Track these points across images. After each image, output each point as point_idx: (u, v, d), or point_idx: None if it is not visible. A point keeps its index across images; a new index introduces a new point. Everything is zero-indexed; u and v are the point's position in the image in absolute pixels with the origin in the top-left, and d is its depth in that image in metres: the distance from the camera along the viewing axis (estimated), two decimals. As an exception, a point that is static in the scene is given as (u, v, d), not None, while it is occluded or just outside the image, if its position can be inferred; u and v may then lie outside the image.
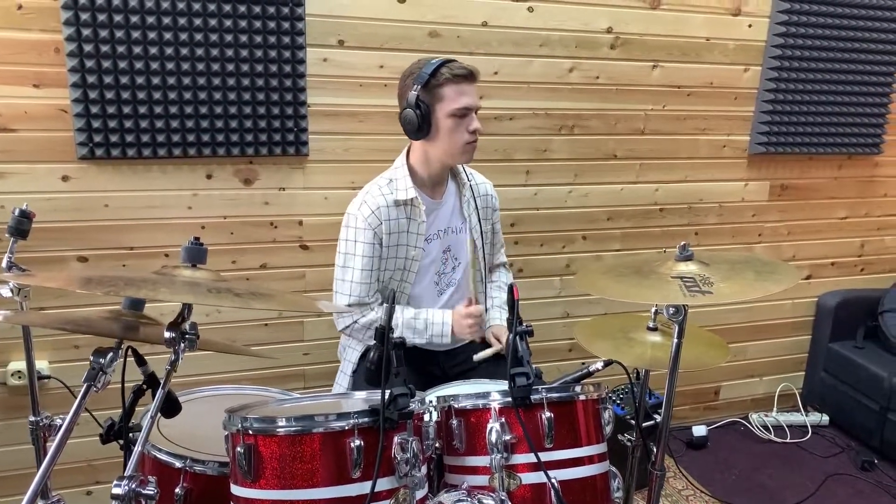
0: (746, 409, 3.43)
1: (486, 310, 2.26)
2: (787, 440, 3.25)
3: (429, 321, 2.08)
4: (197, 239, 1.24)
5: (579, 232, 2.92)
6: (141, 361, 1.54)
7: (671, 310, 1.51)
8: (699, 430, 3.18)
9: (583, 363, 3.05)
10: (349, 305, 2.02)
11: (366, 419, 1.25)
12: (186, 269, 1.21)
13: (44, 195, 2.26)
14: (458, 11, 2.51)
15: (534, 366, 1.41)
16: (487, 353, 2.09)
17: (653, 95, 2.85)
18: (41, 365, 2.39)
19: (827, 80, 3.01)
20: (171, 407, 1.59)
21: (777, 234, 3.23)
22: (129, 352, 1.49)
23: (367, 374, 1.31)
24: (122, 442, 1.62)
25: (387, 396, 1.23)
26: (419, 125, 1.98)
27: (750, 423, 3.36)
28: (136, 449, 1.10)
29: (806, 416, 3.36)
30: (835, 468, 3.04)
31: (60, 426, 1.71)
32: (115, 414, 1.60)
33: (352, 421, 1.24)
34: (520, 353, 1.36)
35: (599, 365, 1.76)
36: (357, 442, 1.23)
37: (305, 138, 2.45)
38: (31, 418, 1.69)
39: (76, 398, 2.10)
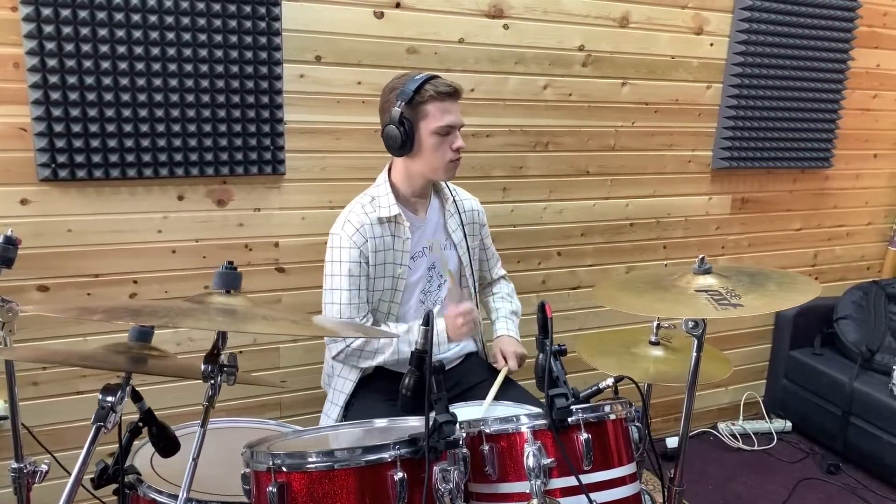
0: (714, 418, 3.49)
1: (492, 321, 2.23)
2: (755, 448, 3.32)
3: (421, 331, 2.01)
4: (231, 263, 1.15)
5: (554, 248, 2.92)
6: (137, 397, 1.43)
7: (690, 324, 1.51)
8: (672, 442, 3.21)
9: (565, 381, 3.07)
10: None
11: (407, 449, 1.18)
12: (220, 296, 1.12)
13: (0, 220, 2.09)
14: (435, 28, 2.48)
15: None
16: (497, 383, 1.98)
17: (622, 112, 2.88)
18: (-3, 405, 2.21)
19: (783, 97, 3.12)
20: (169, 445, 1.49)
21: (739, 246, 3.32)
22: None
23: (402, 401, 1.25)
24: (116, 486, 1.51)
25: (431, 424, 1.17)
26: (402, 142, 1.95)
27: (718, 432, 3.42)
28: (182, 496, 0.99)
29: (770, 423, 3.44)
30: (802, 473, 3.12)
31: (46, 472, 1.57)
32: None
33: (393, 452, 1.17)
34: (555, 373, 1.32)
35: (610, 381, 1.74)
36: (400, 474, 1.16)
37: (282, 156, 2.36)
38: (14, 465, 1.54)
39: (37, 440, 1.95)
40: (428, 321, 1.22)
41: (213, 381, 1.08)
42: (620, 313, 2.97)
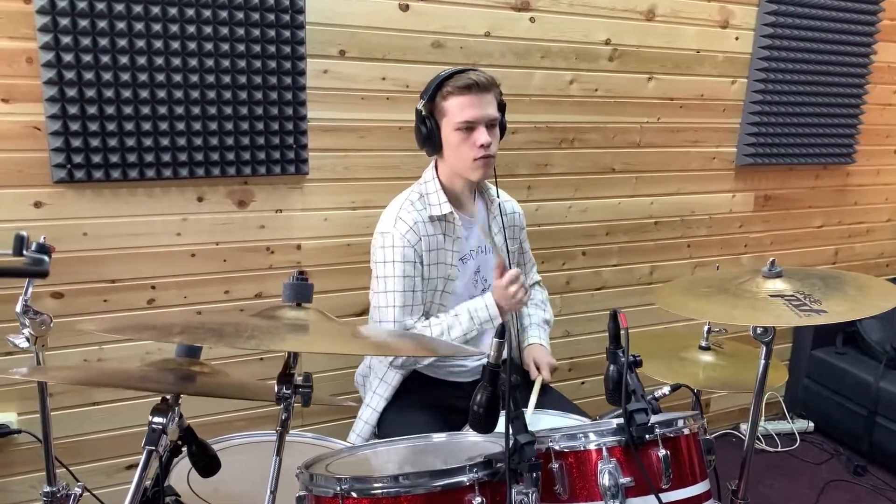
0: (735, 419, 3.43)
1: (524, 327, 2.15)
2: (779, 449, 3.27)
3: (471, 311, 1.89)
4: (301, 273, 1.06)
5: (579, 248, 2.84)
6: (178, 413, 1.34)
7: (759, 330, 1.43)
8: (696, 445, 3.14)
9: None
10: None
11: (485, 472, 1.09)
12: (292, 310, 1.03)
13: (13, 224, 1.98)
14: (461, 21, 2.40)
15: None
16: (535, 393, 1.90)
17: (648, 108, 2.81)
18: (9, 417, 2.10)
19: (807, 91, 3.06)
20: (209, 464, 1.40)
21: (761, 244, 3.26)
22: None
23: (472, 419, 1.16)
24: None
25: (511, 444, 1.08)
26: (424, 141, 1.89)
27: (741, 433, 3.36)
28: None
29: (792, 423, 3.39)
30: (829, 475, 3.06)
31: (80, 496, 1.48)
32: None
33: (472, 475, 1.08)
34: (631, 386, 1.24)
35: (666, 390, 1.67)
36: (478, 499, 1.08)
37: (305, 155, 2.26)
38: (47, 489, 1.43)
39: (58, 460, 1.84)
40: (503, 334, 1.14)
41: (287, 404, 0.99)
42: (645, 314, 2.94)
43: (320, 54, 2.23)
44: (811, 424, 3.39)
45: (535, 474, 1.15)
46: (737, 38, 2.90)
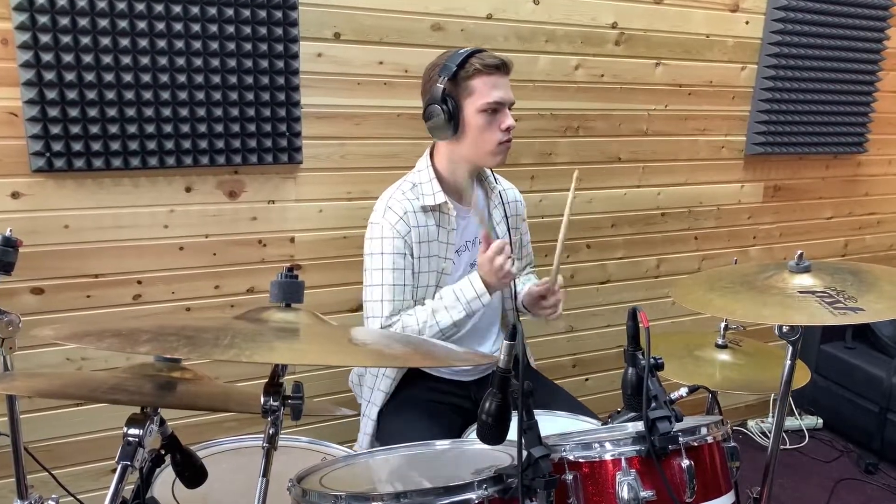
0: (742, 416, 3.34)
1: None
2: (787, 446, 3.18)
3: (456, 290, 1.76)
4: (291, 269, 0.96)
5: (583, 240, 2.74)
6: (160, 420, 1.24)
7: (785, 328, 1.34)
8: (703, 443, 3.06)
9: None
10: (381, 328, 1.76)
11: (495, 488, 0.99)
12: (279, 311, 0.92)
13: (-11, 216, 1.88)
14: (462, 2, 2.29)
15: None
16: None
17: (655, 94, 2.71)
18: (-15, 419, 1.99)
19: (818, 78, 2.96)
20: (195, 475, 1.30)
21: (770, 236, 3.17)
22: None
23: (481, 429, 1.06)
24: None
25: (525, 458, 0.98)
26: (445, 122, 1.76)
27: (748, 430, 3.28)
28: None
29: (801, 420, 3.30)
30: (839, 473, 2.98)
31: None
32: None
33: (481, 492, 0.99)
34: (653, 391, 1.14)
35: (683, 392, 1.56)
36: (487, 518, 0.98)
37: (299, 144, 2.15)
38: (18, 502, 1.33)
39: (39, 462, 1.74)
40: (514, 336, 1.03)
41: (274, 417, 0.89)
42: (652, 309, 2.84)
43: (314, 37, 2.12)
44: (820, 421, 3.31)
45: (549, 490, 1.06)
46: (747, 23, 2.80)
